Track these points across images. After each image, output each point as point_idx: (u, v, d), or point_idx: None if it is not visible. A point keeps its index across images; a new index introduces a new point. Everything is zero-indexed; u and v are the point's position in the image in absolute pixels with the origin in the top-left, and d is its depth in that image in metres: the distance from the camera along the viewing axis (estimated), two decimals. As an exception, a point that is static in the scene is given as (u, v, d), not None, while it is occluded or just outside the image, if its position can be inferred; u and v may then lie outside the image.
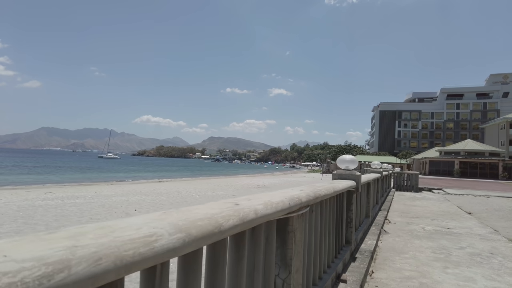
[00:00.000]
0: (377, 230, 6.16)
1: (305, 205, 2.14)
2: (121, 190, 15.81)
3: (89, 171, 44.76)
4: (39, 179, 27.85)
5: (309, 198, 2.18)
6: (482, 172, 45.61)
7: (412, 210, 10.21)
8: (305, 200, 2.09)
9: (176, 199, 12.17)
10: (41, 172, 40.53)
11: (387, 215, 8.62)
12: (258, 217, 1.42)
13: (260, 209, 1.48)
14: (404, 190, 17.67)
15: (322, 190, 2.61)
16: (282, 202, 1.74)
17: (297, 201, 1.95)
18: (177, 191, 15.71)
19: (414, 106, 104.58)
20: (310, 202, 2.24)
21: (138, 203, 10.57)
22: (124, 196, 12.53)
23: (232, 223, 1.20)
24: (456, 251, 5.21)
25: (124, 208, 9.38)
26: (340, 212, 3.93)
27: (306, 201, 2.12)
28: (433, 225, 7.46)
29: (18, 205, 9.65)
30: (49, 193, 13.53)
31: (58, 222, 7.08)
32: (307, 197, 2.16)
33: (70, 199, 11.27)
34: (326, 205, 3.15)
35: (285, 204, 1.75)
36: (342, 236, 4.07)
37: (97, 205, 9.93)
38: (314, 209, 2.76)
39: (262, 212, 1.47)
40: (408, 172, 18.74)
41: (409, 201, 12.74)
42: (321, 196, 2.53)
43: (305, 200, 2.10)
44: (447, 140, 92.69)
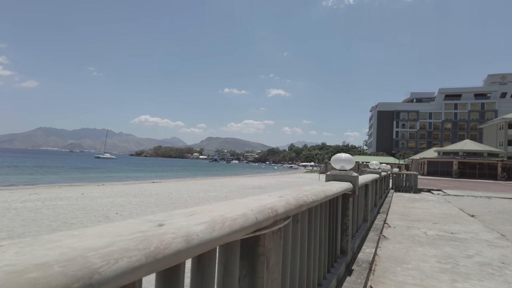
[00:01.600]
0: (376, 236, 5.65)
1: (284, 217, 1.63)
2: (110, 191, 15.25)
3: (83, 172, 44.12)
4: (30, 179, 27.22)
5: (288, 207, 1.66)
6: (481, 172, 45.24)
7: (412, 212, 9.72)
8: (282, 210, 1.57)
9: (165, 201, 11.62)
10: (34, 172, 39.87)
11: (386, 218, 8.12)
12: (191, 247, 0.90)
13: (199, 231, 0.95)
14: (403, 191, 17.19)
15: (309, 195, 2.09)
16: (244, 217, 1.21)
17: (270, 213, 1.43)
18: (168, 192, 15.15)
19: (412, 106, 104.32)
20: (292, 212, 1.72)
21: (123, 205, 10.02)
22: (111, 198, 11.97)
23: (124, 265, 0.67)
24: (463, 260, 4.71)
25: (106, 211, 8.82)
26: (334, 218, 3.42)
27: (284, 211, 1.60)
28: (436, 230, 6.96)
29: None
30: (33, 194, 12.96)
31: (25, 228, 6.52)
32: (286, 207, 1.64)
33: (52, 200, 10.72)
34: (316, 212, 2.64)
35: (248, 220, 1.23)
36: (337, 245, 3.55)
37: (78, 207, 9.37)
38: (300, 219, 2.25)
39: (201, 237, 0.95)
40: (407, 172, 18.27)
41: (409, 202, 12.26)
42: (307, 204, 2.01)
43: (283, 210, 1.58)
44: (445, 141, 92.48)
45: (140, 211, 9.05)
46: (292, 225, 2.10)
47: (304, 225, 2.31)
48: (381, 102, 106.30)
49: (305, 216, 2.32)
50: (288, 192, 2.01)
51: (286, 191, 2.11)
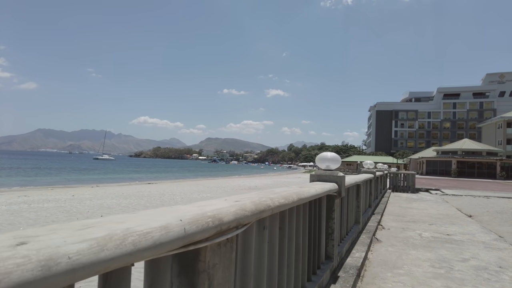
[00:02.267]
0: (368, 239, 5.40)
1: (234, 225, 1.38)
2: (103, 193, 14.99)
3: (79, 173, 43.83)
4: (24, 181, 26.93)
5: (241, 214, 1.41)
6: (479, 171, 45.04)
7: (408, 213, 9.47)
8: (231, 218, 1.32)
9: (155, 202, 11.36)
10: (30, 174, 39.58)
11: (381, 219, 7.87)
12: (52, 275, 0.64)
13: (75, 252, 0.70)
14: (401, 191, 16.95)
15: (275, 199, 1.84)
16: (163, 230, 0.95)
17: (210, 223, 1.17)
18: (161, 193, 14.89)
19: (411, 105, 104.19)
20: (248, 219, 1.47)
21: (111, 208, 9.76)
22: (101, 200, 11.70)
23: None
24: (458, 264, 4.46)
25: (91, 214, 8.56)
26: (316, 222, 3.17)
27: (234, 219, 1.35)
28: (431, 231, 6.71)
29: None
30: (22, 197, 12.68)
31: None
32: (238, 213, 1.39)
33: (39, 203, 10.45)
34: (291, 216, 2.39)
35: (169, 234, 0.97)
36: (320, 251, 3.30)
37: (64, 210, 9.11)
38: (269, 225, 2.00)
39: (77, 260, 0.69)
40: (405, 172, 18.03)
41: (405, 203, 12.01)
42: (272, 208, 1.76)
43: (232, 218, 1.33)
44: (444, 140, 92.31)
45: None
46: (256, 233, 1.86)
47: (273, 232, 2.07)
48: (380, 102, 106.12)
49: (275, 222, 2.07)
50: (251, 195, 1.76)
51: (251, 193, 1.86)
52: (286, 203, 1.97)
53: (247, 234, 1.70)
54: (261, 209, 1.62)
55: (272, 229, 2.06)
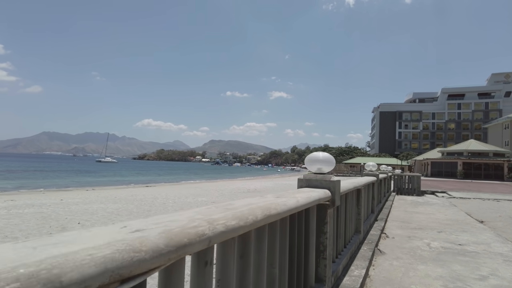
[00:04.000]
0: (370, 251, 4.74)
1: (117, 279, 0.75)
2: (95, 196, 14.42)
3: (80, 176, 43.43)
4: (21, 184, 26.46)
5: (125, 261, 0.78)
6: (486, 173, 44.03)
7: (415, 218, 8.78)
8: (89, 273, 0.69)
9: (144, 207, 10.74)
10: (30, 176, 39.19)
11: (384, 226, 7.20)
12: None
13: None
14: (405, 194, 16.22)
15: (220, 221, 1.21)
16: None
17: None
18: (154, 197, 14.28)
19: (415, 106, 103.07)
20: (139, 269, 0.84)
21: (94, 213, 9.16)
22: (89, 204, 11.11)
23: None
24: (476, 283, 3.79)
25: (69, 221, 7.94)
26: (302, 238, 2.52)
27: (103, 270, 0.72)
28: (441, 240, 6.03)
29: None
30: (8, 201, 12.14)
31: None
32: (115, 261, 0.76)
33: (20, 208, 9.88)
34: (260, 237, 1.76)
35: None
36: (308, 274, 2.65)
37: (42, 216, 8.51)
38: (219, 257, 1.38)
39: None
40: (410, 174, 17.30)
41: (411, 206, 11.31)
42: (212, 237, 1.12)
43: (93, 272, 0.70)
44: (449, 141, 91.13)
45: (107, 220, 8.15)
46: (194, 273, 1.23)
47: (227, 265, 1.43)
48: (383, 103, 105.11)
49: (230, 250, 1.44)
50: (174, 216, 1.13)
51: (186, 212, 1.23)
52: (242, 225, 1.33)
53: (171, 280, 1.07)
54: (183, 243, 0.98)
55: (225, 261, 1.43)
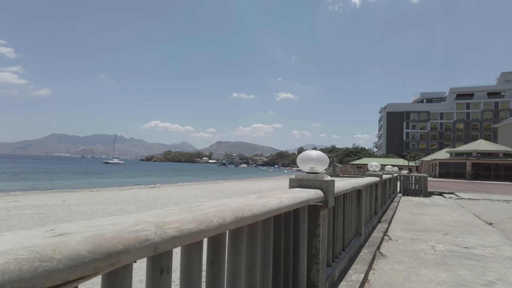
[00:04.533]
0: (370, 254, 4.55)
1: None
2: (98, 197, 14.40)
3: (86, 177, 43.71)
4: (28, 186, 26.66)
5: (35, 271, 0.64)
6: (496, 174, 43.22)
7: (420, 220, 8.53)
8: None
9: (144, 208, 10.65)
10: (38, 178, 39.55)
11: (388, 228, 6.98)
12: None
13: None
14: (412, 195, 15.92)
15: (173, 224, 1.05)
16: None
17: None
18: (157, 198, 14.20)
19: (422, 106, 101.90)
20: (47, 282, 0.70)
21: (93, 215, 9.08)
22: (90, 205, 11.06)
23: None
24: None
25: (65, 222, 7.87)
26: (290, 242, 2.36)
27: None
28: (446, 243, 5.81)
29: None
30: (12, 202, 12.17)
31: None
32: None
33: (22, 209, 9.86)
34: (236, 241, 1.61)
35: None
36: (298, 279, 2.48)
37: (40, 217, 8.45)
38: (184, 260, 1.23)
39: None
40: (416, 174, 16.98)
41: (417, 208, 11.04)
42: (159, 243, 0.97)
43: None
44: (457, 141, 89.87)
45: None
46: (152, 280, 1.08)
47: (191, 273, 1.28)
48: (391, 103, 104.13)
49: (194, 254, 1.28)
50: (118, 218, 0.98)
51: (120, 216, 1.08)
52: (203, 229, 1.17)
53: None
54: (116, 249, 0.83)
55: (190, 269, 1.27)
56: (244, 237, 1.65)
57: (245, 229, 1.63)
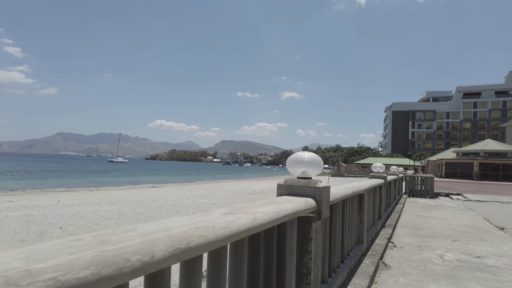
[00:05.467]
0: (372, 266, 4.13)
1: None
2: (95, 197, 14.10)
3: (89, 176, 43.63)
4: (28, 184, 26.54)
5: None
6: (504, 174, 42.36)
7: (427, 224, 8.08)
8: None
9: (139, 210, 10.30)
10: (42, 176, 39.51)
11: (393, 234, 6.55)
12: None
13: None
14: (418, 196, 15.42)
15: (48, 273, 0.67)
16: None
17: None
18: (154, 198, 13.86)
19: (428, 105, 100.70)
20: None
21: (83, 217, 8.74)
22: (83, 206, 10.74)
23: None
24: (498, 309, 3.16)
25: (50, 225, 7.50)
26: (272, 261, 1.96)
27: None
28: (456, 251, 5.37)
29: None
30: (6, 202, 11.90)
31: None
32: None
33: (12, 210, 9.57)
34: (189, 269, 1.22)
35: None
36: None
37: (28, 219, 8.13)
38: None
39: None
40: (422, 175, 16.46)
41: (423, 210, 10.57)
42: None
43: None
44: (464, 141, 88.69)
45: (93, 225, 7.71)
46: None
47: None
48: (396, 102, 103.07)
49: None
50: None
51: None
52: (109, 274, 0.78)
53: None
54: None
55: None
56: (199, 266, 1.25)
57: (198, 259, 1.22)
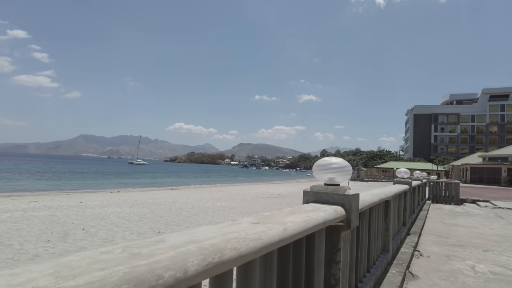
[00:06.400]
0: (400, 275, 3.96)
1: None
2: (116, 199, 14.34)
3: (110, 178, 44.62)
4: (53, 185, 27.37)
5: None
6: (535, 180, 40.50)
7: (454, 232, 7.75)
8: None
9: (159, 212, 10.37)
10: (65, 177, 40.70)
11: (418, 241, 6.30)
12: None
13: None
14: (442, 202, 14.90)
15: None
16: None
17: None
18: (174, 201, 13.96)
19: (452, 108, 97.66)
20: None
21: (105, 218, 8.86)
22: (104, 208, 10.93)
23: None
24: (540, 328, 2.93)
25: (73, 226, 7.63)
26: (301, 272, 1.86)
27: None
28: (488, 262, 5.09)
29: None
30: (32, 202, 12.27)
31: None
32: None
33: (38, 210, 9.83)
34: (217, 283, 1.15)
35: None
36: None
37: (51, 220, 8.30)
38: None
39: None
40: (447, 180, 15.91)
41: (449, 217, 10.17)
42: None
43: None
44: (491, 145, 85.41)
45: (114, 227, 7.79)
46: None
47: None
48: (418, 105, 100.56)
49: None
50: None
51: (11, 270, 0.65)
52: None
53: None
54: None
55: None
56: (225, 285, 1.17)
57: (229, 273, 1.15)
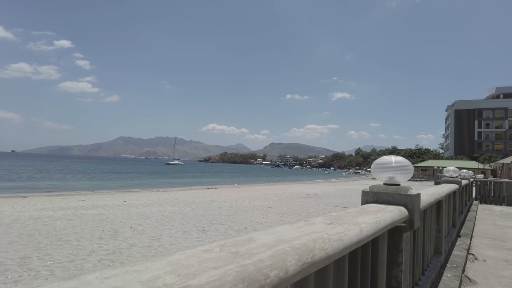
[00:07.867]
0: (456, 280, 3.79)
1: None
2: (157, 198, 14.87)
3: (148, 177, 46.29)
4: (96, 185, 28.87)
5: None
6: None
7: (509, 235, 7.28)
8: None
9: (200, 211, 10.61)
10: (107, 177, 42.76)
11: (470, 244, 5.98)
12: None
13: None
14: (491, 203, 14.02)
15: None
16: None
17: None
18: (212, 200, 14.25)
19: (498, 103, 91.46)
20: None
21: (149, 217, 9.22)
22: (147, 207, 11.38)
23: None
24: None
25: (122, 224, 8.00)
26: (367, 275, 1.84)
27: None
28: (552, 268, 4.73)
29: (16, 216, 8.85)
30: (80, 201, 13.03)
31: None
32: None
33: (86, 209, 10.44)
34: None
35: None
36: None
37: (100, 218, 8.77)
38: None
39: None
40: (496, 180, 14.95)
41: (502, 219, 9.56)
42: None
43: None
44: (543, 141, 79.15)
45: (160, 225, 8.08)
46: None
47: None
48: (459, 100, 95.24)
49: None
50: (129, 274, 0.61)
51: (132, 265, 0.70)
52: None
53: None
54: None
55: None
56: (308, 284, 1.17)
57: (312, 277, 1.15)
